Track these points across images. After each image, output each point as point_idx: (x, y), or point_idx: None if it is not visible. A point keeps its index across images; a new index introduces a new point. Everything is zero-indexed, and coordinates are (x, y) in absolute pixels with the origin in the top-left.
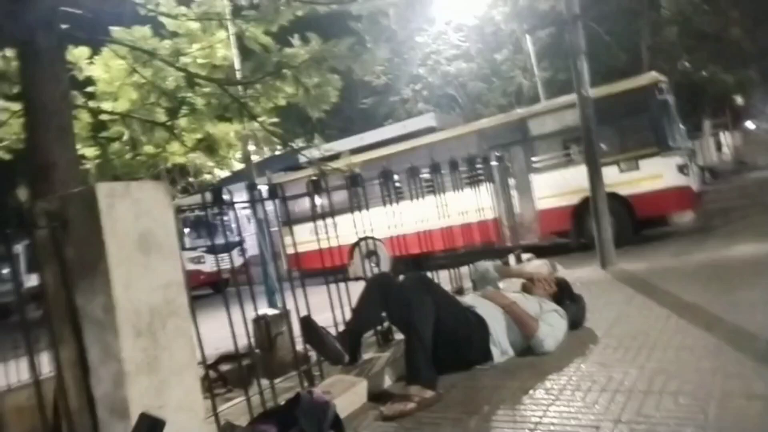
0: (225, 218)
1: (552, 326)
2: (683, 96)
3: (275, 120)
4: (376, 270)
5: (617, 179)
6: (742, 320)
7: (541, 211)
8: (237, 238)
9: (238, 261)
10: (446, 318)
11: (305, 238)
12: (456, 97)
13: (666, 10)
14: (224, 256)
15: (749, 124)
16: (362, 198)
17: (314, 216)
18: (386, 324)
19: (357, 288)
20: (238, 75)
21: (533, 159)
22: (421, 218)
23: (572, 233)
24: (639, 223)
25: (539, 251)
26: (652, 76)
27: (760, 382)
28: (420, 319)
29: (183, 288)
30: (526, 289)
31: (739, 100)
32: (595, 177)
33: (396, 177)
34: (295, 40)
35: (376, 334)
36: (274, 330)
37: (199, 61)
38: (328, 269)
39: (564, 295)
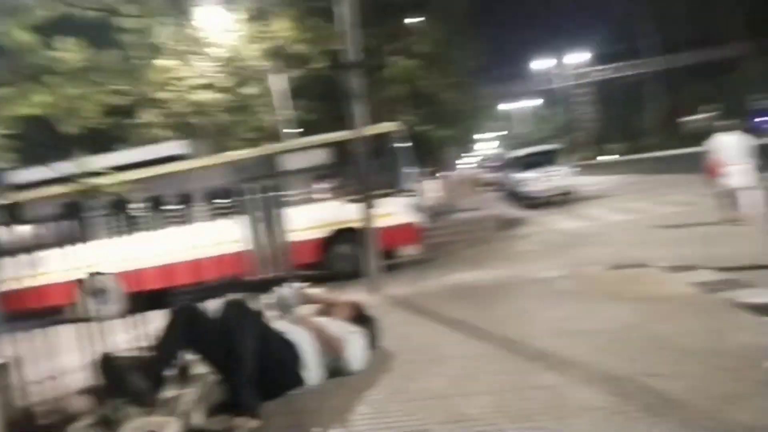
0: None
1: (356, 347)
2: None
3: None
4: (104, 309)
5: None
6: (502, 330)
7: (293, 243)
8: None
9: None
10: (261, 345)
11: (15, 273)
12: (202, 126)
13: (392, 71)
14: None
15: (450, 172)
16: (89, 227)
17: (26, 247)
18: (188, 358)
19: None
20: None
21: (285, 193)
22: (164, 250)
23: (321, 264)
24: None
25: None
26: (391, 125)
27: (538, 376)
28: (243, 348)
29: None
30: (325, 313)
31: (447, 151)
32: (366, 211)
33: (133, 205)
34: (66, 44)
35: (179, 370)
36: None
37: None
38: (46, 309)
39: (360, 317)
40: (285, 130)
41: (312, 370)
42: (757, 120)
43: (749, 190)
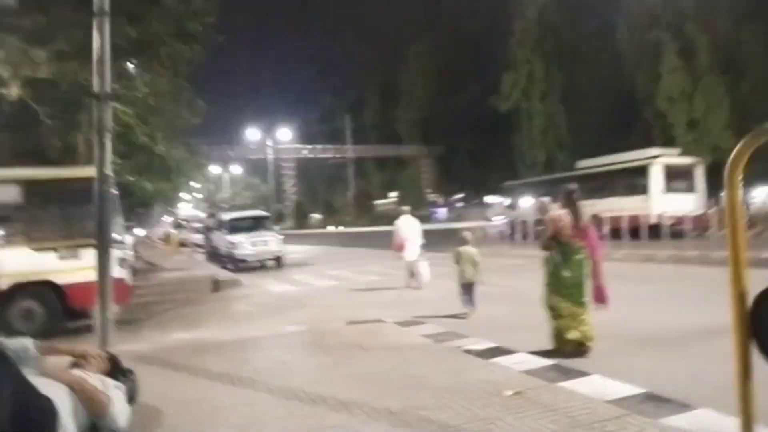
0: None
1: (120, 403)
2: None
3: None
4: None
5: (55, 266)
6: (268, 380)
7: None
8: None
9: None
10: (16, 399)
11: None
12: None
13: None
14: None
15: (154, 229)
16: None
17: None
18: None
19: None
20: None
21: None
22: None
23: None
24: (70, 312)
25: None
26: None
27: (326, 417)
28: None
29: None
30: (77, 366)
31: (152, 207)
32: (104, 260)
33: None
34: None
35: None
36: None
37: None
38: None
39: (117, 370)
40: None
41: (71, 429)
42: (430, 209)
43: (422, 263)
